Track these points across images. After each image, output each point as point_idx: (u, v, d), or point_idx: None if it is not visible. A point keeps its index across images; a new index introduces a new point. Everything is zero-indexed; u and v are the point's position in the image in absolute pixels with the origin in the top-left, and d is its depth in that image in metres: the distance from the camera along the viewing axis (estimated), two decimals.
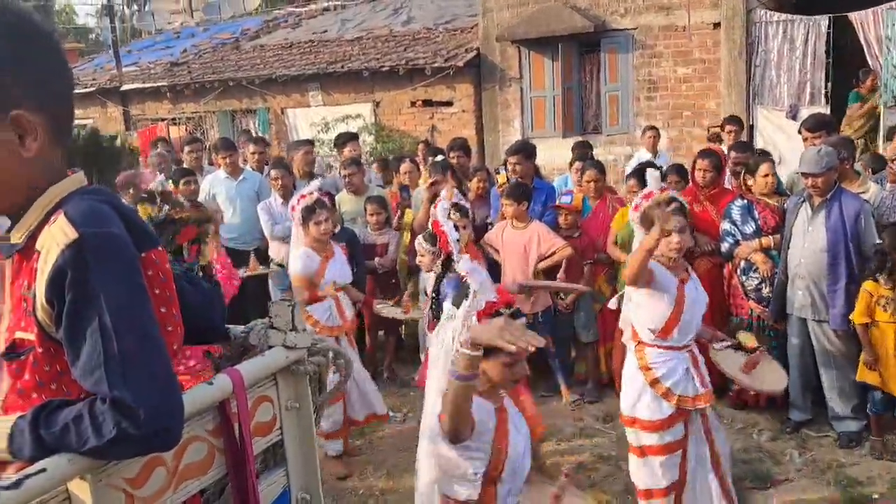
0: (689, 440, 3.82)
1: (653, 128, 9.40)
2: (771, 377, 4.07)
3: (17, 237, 1.41)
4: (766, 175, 5.52)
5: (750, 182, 5.59)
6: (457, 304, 2.54)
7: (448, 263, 4.32)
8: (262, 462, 1.63)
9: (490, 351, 2.46)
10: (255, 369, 1.51)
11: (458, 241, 4.27)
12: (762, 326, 5.47)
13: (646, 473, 3.86)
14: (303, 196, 5.00)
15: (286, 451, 1.61)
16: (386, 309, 5.77)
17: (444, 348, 2.56)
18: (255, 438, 1.54)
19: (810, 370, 5.30)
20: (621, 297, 4.11)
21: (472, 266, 2.72)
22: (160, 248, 1.48)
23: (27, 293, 1.37)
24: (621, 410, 3.98)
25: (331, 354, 1.69)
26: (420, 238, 5.11)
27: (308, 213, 4.92)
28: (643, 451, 3.85)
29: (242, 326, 1.72)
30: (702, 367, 3.93)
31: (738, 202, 5.57)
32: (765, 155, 6.07)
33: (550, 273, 6.14)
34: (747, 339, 4.20)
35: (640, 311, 3.86)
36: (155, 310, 1.40)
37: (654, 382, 3.76)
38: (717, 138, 8.56)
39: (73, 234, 1.32)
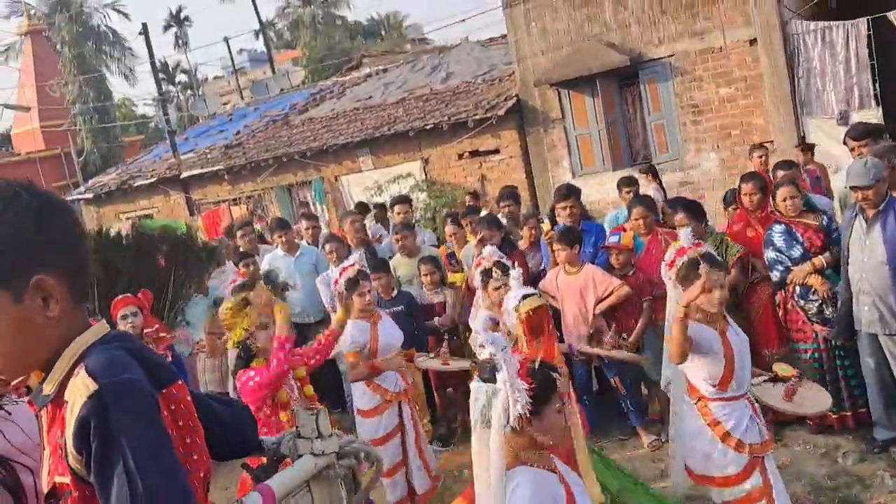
0: (770, 486, 3.71)
1: (761, 146, 8.86)
2: (812, 399, 4.01)
3: (48, 388, 1.54)
4: (786, 199, 5.44)
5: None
6: (485, 378, 2.49)
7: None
8: None
9: (541, 402, 2.45)
10: (285, 481, 1.58)
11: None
12: (831, 347, 5.32)
13: None
14: (344, 269, 5.07)
15: None
16: (427, 361, 5.81)
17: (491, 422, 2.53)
18: None
19: (890, 386, 5.11)
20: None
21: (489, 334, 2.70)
22: (180, 382, 1.58)
23: (60, 440, 1.49)
24: (690, 468, 3.82)
25: (362, 454, 1.75)
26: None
27: (351, 286, 4.97)
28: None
29: (274, 438, 1.80)
30: (759, 411, 3.86)
31: (777, 228, 5.47)
32: (794, 170, 6.00)
33: (610, 314, 6.11)
34: (783, 369, 4.14)
35: (693, 371, 3.78)
36: (180, 441, 1.50)
37: (726, 436, 3.66)
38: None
39: (93, 385, 1.44)
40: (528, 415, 2.43)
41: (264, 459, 1.81)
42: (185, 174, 15.67)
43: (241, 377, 3.98)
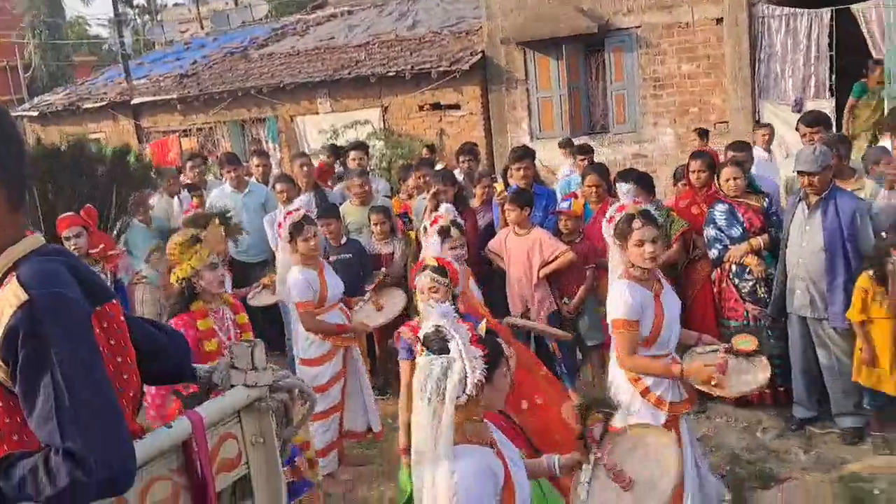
0: (682, 446, 3.82)
1: (767, 125, 8.81)
2: (745, 377, 3.88)
3: None
4: (729, 179, 5.55)
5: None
6: (436, 350, 2.39)
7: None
8: (231, 495, 1.70)
9: (492, 369, 2.41)
10: (215, 409, 1.58)
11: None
12: (760, 327, 5.48)
13: None
14: (289, 213, 5.00)
15: (253, 484, 1.68)
16: (360, 311, 5.71)
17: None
18: (220, 474, 1.61)
19: (813, 368, 5.31)
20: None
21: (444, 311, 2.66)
22: (114, 301, 1.56)
23: None
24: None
25: (296, 391, 1.76)
26: (430, 272, 4.53)
27: (296, 230, 4.92)
28: None
29: (207, 366, 1.79)
30: None
31: (720, 206, 5.59)
32: (747, 152, 6.11)
33: (554, 279, 6.19)
34: (742, 342, 4.00)
35: None
36: (111, 360, 1.49)
37: (646, 391, 3.74)
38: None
39: (23, 295, 1.40)
40: (482, 382, 2.40)
41: (196, 387, 1.81)
42: (136, 100, 15.24)
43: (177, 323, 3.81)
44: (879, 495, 4.56)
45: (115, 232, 6.76)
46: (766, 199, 5.60)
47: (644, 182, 5.80)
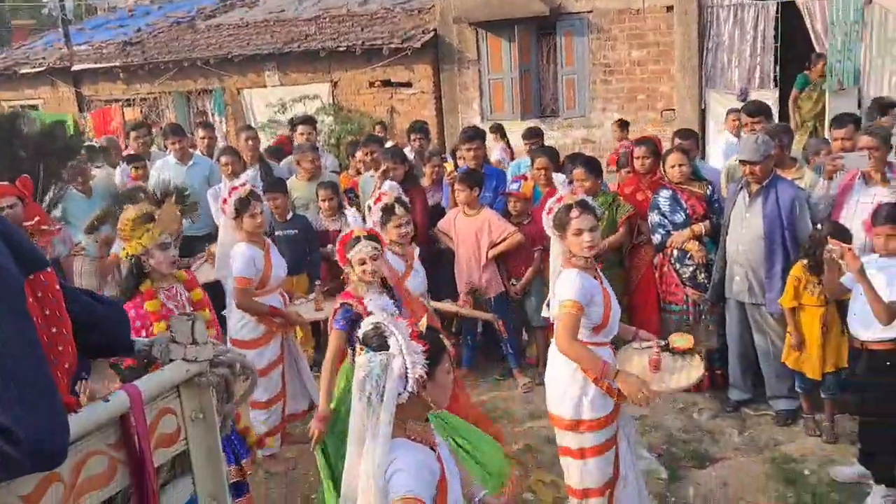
0: (619, 434, 3.88)
1: (736, 110, 8.49)
2: (677, 375, 3.95)
3: None
4: (674, 166, 5.64)
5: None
6: (375, 347, 2.37)
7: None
8: (169, 471, 1.68)
9: (434, 365, 2.40)
10: (154, 384, 1.55)
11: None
12: (699, 312, 5.61)
13: (585, 474, 3.80)
14: (234, 188, 4.87)
15: (192, 459, 1.66)
16: (301, 307, 5.63)
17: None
18: (158, 449, 1.58)
19: (749, 352, 5.45)
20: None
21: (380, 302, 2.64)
22: (49, 270, 1.50)
23: None
24: (560, 415, 3.80)
25: (237, 366, 1.73)
26: (366, 240, 4.33)
27: (242, 206, 4.80)
28: (583, 454, 3.77)
29: (146, 340, 1.76)
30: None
31: (664, 192, 5.67)
32: (693, 139, 6.21)
33: (502, 260, 6.22)
34: (679, 340, 4.08)
35: None
36: (45, 331, 1.44)
37: (597, 380, 3.68)
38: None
39: None
40: (423, 378, 2.39)
41: (133, 361, 1.77)
42: (76, 67, 14.77)
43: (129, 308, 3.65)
44: (809, 476, 4.71)
45: (45, 203, 6.54)
46: (710, 187, 5.71)
47: (592, 166, 5.86)
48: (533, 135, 8.26)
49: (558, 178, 4.05)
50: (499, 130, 9.84)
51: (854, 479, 4.55)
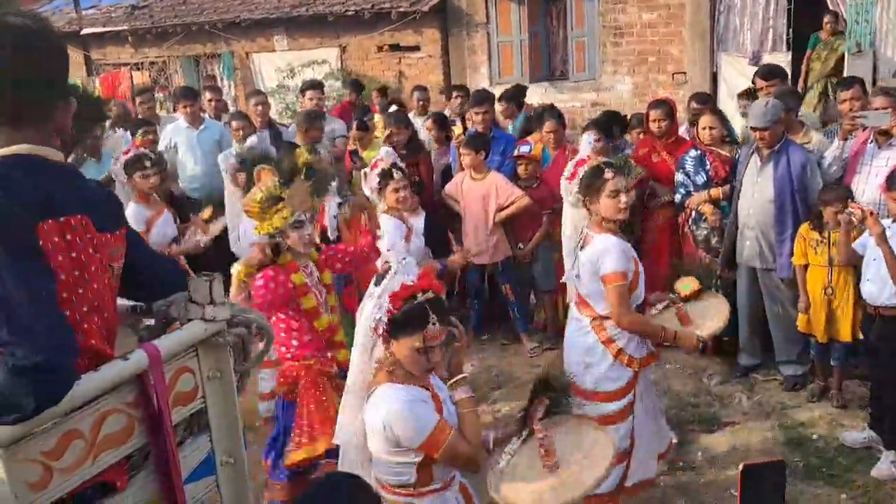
0: (636, 404, 3.83)
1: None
2: (711, 314, 3.92)
3: None
4: (705, 128, 5.59)
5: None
6: (377, 282, 2.55)
7: None
8: (186, 429, 1.70)
9: (399, 331, 2.50)
10: (172, 343, 1.57)
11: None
12: (710, 275, 5.58)
13: None
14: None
15: (209, 418, 1.68)
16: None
17: (362, 326, 2.62)
18: (176, 408, 1.60)
19: (759, 317, 5.45)
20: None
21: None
22: (80, 216, 1.60)
23: None
24: (583, 387, 3.73)
25: (254, 326, 1.75)
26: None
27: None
28: (603, 421, 3.66)
29: (164, 300, 1.77)
30: None
31: (692, 153, 5.64)
32: (709, 104, 6.12)
33: (510, 223, 6.22)
34: (685, 286, 4.05)
35: (598, 287, 3.66)
36: (68, 272, 1.53)
37: (619, 353, 3.68)
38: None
39: None
40: (384, 335, 2.53)
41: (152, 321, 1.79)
42: (85, 31, 14.68)
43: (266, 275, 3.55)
44: (817, 440, 4.74)
45: None
46: (739, 151, 5.61)
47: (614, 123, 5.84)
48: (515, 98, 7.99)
49: (588, 137, 3.91)
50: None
51: (863, 443, 4.57)
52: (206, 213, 5.88)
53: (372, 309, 2.46)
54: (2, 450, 1.28)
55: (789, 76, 7.39)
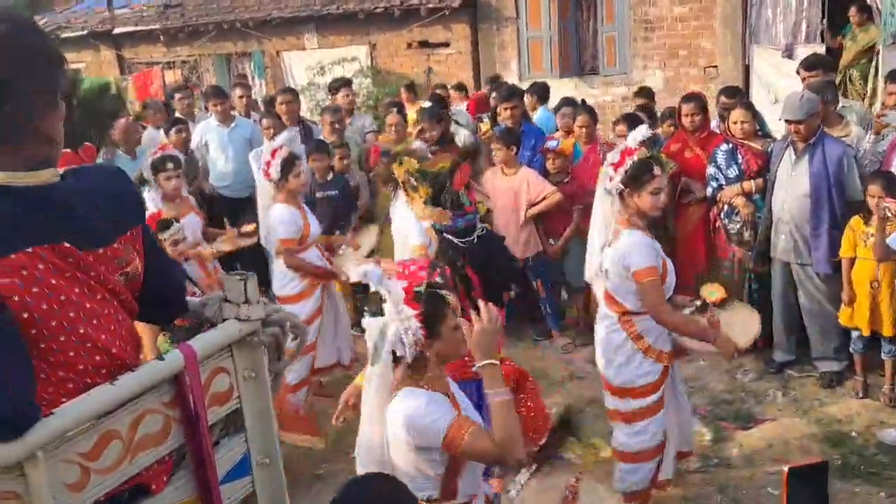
0: (666, 399, 3.85)
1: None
2: (739, 327, 3.93)
3: None
4: (737, 122, 5.51)
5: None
6: (374, 313, 2.55)
7: None
8: (222, 429, 1.71)
9: (434, 325, 2.50)
10: (208, 343, 1.57)
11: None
12: (743, 269, 5.52)
13: (633, 439, 3.80)
14: (275, 151, 4.95)
15: (244, 418, 1.68)
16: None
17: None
18: (211, 408, 1.61)
19: (794, 312, 5.38)
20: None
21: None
22: (60, 245, 1.49)
23: None
24: (609, 379, 3.83)
25: (287, 325, 1.75)
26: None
27: (288, 166, 4.90)
28: (631, 417, 3.77)
29: (198, 299, 1.78)
30: None
31: (724, 146, 5.56)
32: (739, 97, 6.04)
33: (540, 219, 6.19)
34: (711, 292, 4.05)
35: (627, 284, 3.66)
36: (53, 299, 1.46)
37: (649, 349, 3.68)
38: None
39: None
40: (423, 339, 2.48)
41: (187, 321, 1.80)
42: (118, 30, 14.87)
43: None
44: (856, 437, 4.67)
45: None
46: (771, 144, 5.52)
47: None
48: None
49: (640, 130, 3.82)
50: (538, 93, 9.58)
51: None
52: (250, 227, 5.93)
53: (398, 331, 2.43)
54: (40, 453, 1.29)
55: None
